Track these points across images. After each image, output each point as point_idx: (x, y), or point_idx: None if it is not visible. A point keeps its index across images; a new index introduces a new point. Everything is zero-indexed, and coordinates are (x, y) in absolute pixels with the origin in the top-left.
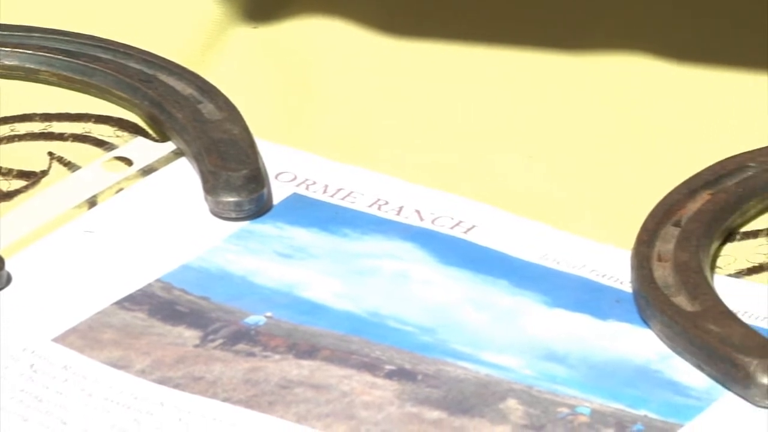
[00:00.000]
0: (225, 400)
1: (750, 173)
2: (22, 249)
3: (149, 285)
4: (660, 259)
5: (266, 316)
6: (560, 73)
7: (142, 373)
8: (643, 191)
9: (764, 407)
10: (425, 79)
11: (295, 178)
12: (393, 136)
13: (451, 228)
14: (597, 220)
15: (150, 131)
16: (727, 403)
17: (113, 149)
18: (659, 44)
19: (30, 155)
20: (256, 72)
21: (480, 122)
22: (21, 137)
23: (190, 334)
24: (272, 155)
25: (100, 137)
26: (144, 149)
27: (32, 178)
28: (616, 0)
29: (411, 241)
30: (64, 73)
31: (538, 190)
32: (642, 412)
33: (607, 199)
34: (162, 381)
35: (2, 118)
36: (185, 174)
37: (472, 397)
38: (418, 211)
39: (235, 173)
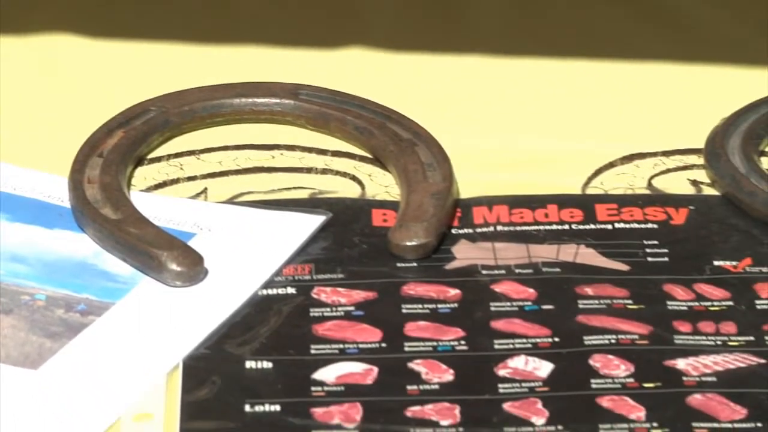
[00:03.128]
0: None
1: (152, 115)
2: None
3: None
4: (89, 182)
5: None
6: None
7: None
8: (72, 131)
9: (174, 286)
10: None
11: None
12: None
13: None
14: (37, 154)
15: None
16: (147, 284)
17: None
18: None
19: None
20: None
21: None
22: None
23: None
24: None
25: None
26: None
27: None
28: None
29: None
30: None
31: None
32: (84, 296)
33: (41, 137)
34: None
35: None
36: None
37: None
38: None
39: None
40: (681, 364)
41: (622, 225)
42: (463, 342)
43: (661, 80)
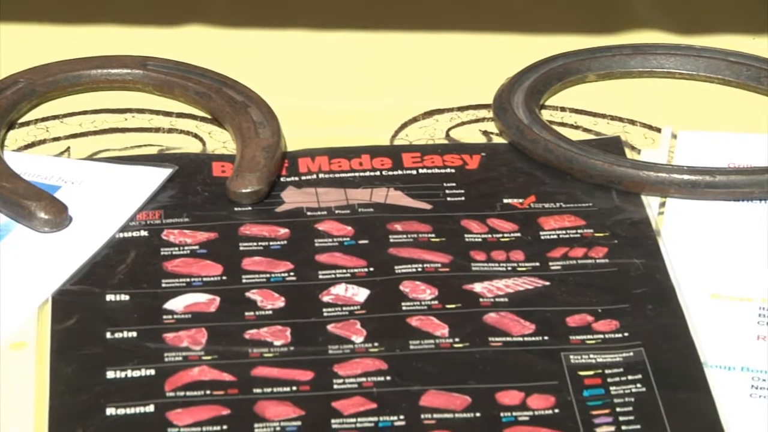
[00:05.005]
0: None
1: (21, 85)
2: None
3: None
4: None
5: None
6: None
7: None
8: None
9: (43, 232)
10: None
11: None
12: None
13: None
14: None
15: None
16: (20, 231)
17: None
18: None
19: None
20: None
21: None
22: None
23: None
24: None
25: None
26: None
27: None
28: None
29: None
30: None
31: None
32: None
33: None
34: None
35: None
36: None
37: None
38: None
39: None
40: (478, 287)
41: (425, 170)
42: (292, 273)
43: (454, 46)
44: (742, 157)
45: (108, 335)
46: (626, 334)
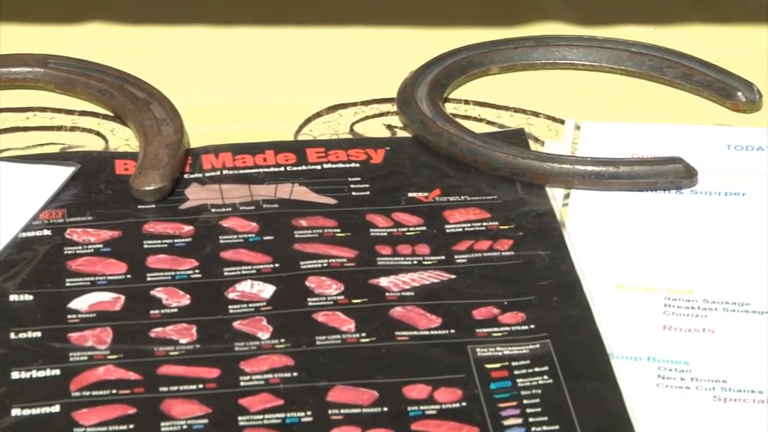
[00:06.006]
0: None
1: None
2: None
3: None
4: None
5: None
6: None
7: None
8: None
9: None
10: None
11: None
12: None
13: None
14: None
15: None
16: None
17: None
18: None
19: None
20: None
21: None
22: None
23: None
24: None
25: None
26: None
27: None
28: None
29: None
30: None
31: None
32: None
33: None
34: None
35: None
36: None
37: None
38: None
39: None
40: (383, 282)
41: (329, 165)
42: (197, 271)
43: (357, 40)
44: (645, 148)
45: (12, 336)
46: (532, 326)
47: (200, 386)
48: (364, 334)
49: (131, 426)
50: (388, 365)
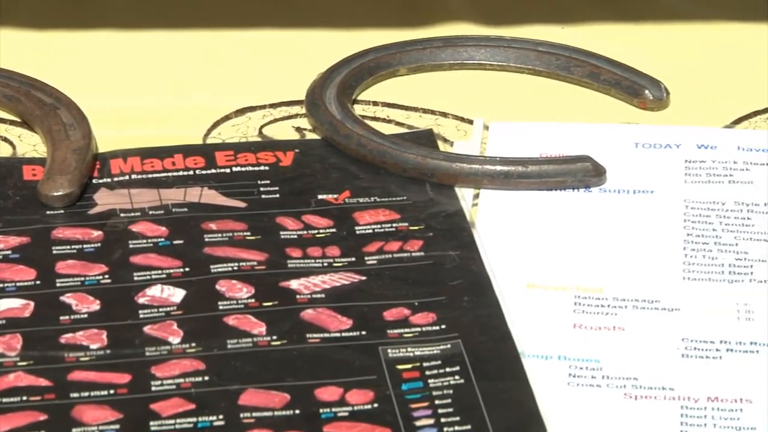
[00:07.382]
0: None
1: None
2: None
3: None
4: None
5: None
6: None
7: None
8: None
9: None
10: None
11: None
12: None
13: None
14: None
15: None
16: None
17: None
18: None
19: None
20: None
21: None
22: None
23: None
24: None
25: None
26: None
27: None
28: None
29: None
30: None
31: None
32: None
33: None
34: None
35: None
36: None
37: None
38: None
39: None
40: (294, 284)
41: (238, 168)
42: (107, 276)
43: (265, 43)
44: (553, 147)
45: None
46: (443, 327)
47: (111, 392)
48: (275, 337)
49: None
50: (299, 368)
